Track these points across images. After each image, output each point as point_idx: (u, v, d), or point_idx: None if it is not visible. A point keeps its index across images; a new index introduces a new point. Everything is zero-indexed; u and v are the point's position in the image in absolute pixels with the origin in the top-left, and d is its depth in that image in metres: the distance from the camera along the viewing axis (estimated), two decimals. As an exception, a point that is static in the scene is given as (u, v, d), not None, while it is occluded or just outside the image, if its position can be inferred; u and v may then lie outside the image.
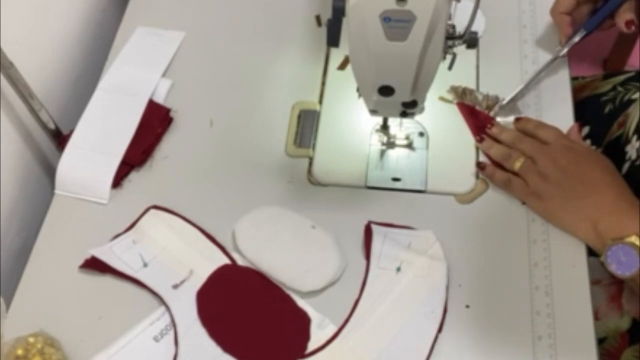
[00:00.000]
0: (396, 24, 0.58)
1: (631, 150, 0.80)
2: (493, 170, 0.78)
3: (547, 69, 0.85)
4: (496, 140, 0.80)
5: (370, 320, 0.70)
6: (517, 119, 0.82)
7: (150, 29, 0.94)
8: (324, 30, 0.92)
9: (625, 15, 0.80)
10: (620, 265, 0.66)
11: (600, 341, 0.78)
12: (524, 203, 0.77)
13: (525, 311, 0.70)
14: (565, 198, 0.72)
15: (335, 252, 0.74)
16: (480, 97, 0.84)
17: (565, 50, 0.85)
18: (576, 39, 0.84)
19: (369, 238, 0.75)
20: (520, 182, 0.76)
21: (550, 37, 0.89)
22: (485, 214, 0.77)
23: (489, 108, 0.84)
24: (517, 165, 0.76)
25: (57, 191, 0.81)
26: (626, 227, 0.67)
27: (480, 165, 0.79)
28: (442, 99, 0.85)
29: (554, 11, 0.86)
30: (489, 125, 0.82)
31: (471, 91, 0.85)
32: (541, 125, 0.79)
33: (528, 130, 0.80)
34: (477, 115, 0.83)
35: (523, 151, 0.77)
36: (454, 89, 0.85)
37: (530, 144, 0.77)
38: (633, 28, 0.80)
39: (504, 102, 0.83)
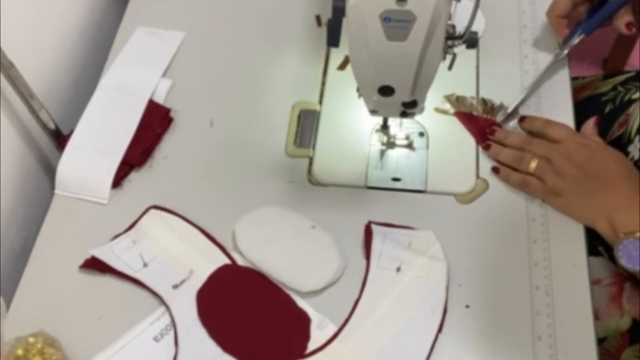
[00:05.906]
0: (396, 24, 0.58)
1: (634, 150, 0.80)
2: (508, 172, 0.78)
3: (548, 71, 0.85)
4: (502, 144, 0.80)
5: (370, 320, 0.70)
6: (522, 118, 0.81)
7: (150, 29, 0.94)
8: (324, 30, 0.92)
9: (624, 17, 0.80)
10: (630, 259, 0.67)
11: (600, 341, 0.78)
12: (544, 201, 0.77)
13: (525, 311, 0.70)
14: (583, 194, 0.72)
15: (335, 252, 0.74)
16: (474, 102, 0.84)
17: (565, 52, 0.85)
18: (575, 41, 0.84)
19: (369, 238, 0.75)
20: (537, 181, 0.75)
21: (551, 38, 0.89)
22: (485, 214, 0.77)
23: (486, 112, 0.83)
24: (533, 166, 0.76)
25: (57, 191, 0.81)
26: (638, 222, 0.67)
27: (495, 169, 0.79)
28: (438, 110, 0.85)
29: (550, 14, 0.86)
30: (488, 130, 0.81)
31: (464, 98, 0.85)
32: (549, 123, 0.79)
33: (536, 129, 0.79)
34: (476, 121, 0.83)
35: (535, 152, 0.76)
36: (447, 98, 0.85)
37: (542, 145, 0.77)
38: (633, 30, 0.80)
39: (509, 110, 0.83)
